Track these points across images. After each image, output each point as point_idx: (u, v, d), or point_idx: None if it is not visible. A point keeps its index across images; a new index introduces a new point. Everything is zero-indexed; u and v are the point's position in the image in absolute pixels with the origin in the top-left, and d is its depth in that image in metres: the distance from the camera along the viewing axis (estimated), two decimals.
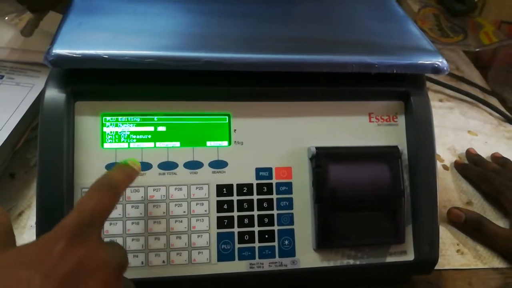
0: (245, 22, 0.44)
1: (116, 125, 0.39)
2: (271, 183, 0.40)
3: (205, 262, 0.39)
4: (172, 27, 0.42)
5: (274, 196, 0.40)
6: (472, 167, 0.59)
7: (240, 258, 0.39)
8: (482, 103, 0.72)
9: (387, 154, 0.42)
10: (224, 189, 0.40)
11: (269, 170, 0.40)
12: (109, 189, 0.32)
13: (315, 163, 0.40)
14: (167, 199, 0.39)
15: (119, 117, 0.39)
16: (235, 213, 0.39)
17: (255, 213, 0.40)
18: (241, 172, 0.40)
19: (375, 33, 0.45)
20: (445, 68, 0.41)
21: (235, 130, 0.41)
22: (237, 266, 0.39)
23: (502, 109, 0.72)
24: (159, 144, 0.39)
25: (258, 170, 0.40)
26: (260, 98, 0.41)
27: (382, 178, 0.41)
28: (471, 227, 0.51)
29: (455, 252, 0.49)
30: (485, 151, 0.62)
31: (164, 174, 0.39)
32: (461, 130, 0.67)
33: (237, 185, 0.40)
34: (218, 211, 0.39)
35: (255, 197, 0.40)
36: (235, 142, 0.41)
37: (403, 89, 0.43)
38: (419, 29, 0.46)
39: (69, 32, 0.38)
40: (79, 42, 0.37)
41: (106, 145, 0.39)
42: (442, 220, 0.52)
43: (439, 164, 0.61)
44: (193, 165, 0.40)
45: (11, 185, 0.49)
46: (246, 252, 0.39)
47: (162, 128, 0.40)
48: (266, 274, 0.40)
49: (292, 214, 0.40)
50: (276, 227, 0.40)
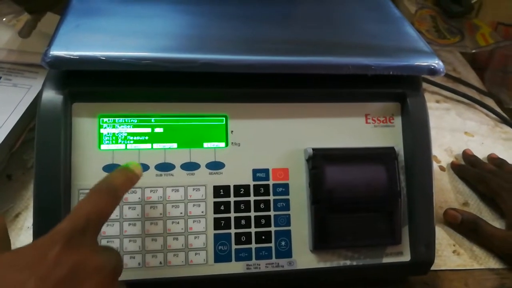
0: (242, 24, 0.44)
1: (113, 127, 0.39)
2: (268, 184, 0.40)
3: (202, 263, 0.39)
4: (169, 29, 0.42)
5: (271, 197, 0.40)
6: (469, 168, 0.59)
7: (237, 259, 0.39)
8: (479, 104, 0.72)
9: (384, 155, 0.42)
10: (221, 190, 0.40)
11: (266, 171, 0.41)
12: (108, 193, 0.32)
13: (312, 164, 0.40)
14: (164, 201, 0.39)
15: (116, 119, 0.39)
16: (232, 214, 0.40)
17: (252, 214, 0.40)
18: (238, 173, 0.40)
19: (372, 35, 0.45)
20: (441, 70, 0.41)
21: (232, 132, 0.41)
22: (234, 267, 0.39)
23: (499, 110, 0.72)
24: (156, 146, 0.40)
25: (255, 171, 0.40)
26: (257, 100, 0.41)
27: (379, 179, 0.41)
28: (468, 228, 0.51)
29: (452, 253, 0.50)
30: (482, 152, 0.62)
31: (161, 176, 0.39)
32: (458, 131, 0.67)
33: (234, 186, 0.40)
34: (215, 212, 0.39)
35: (252, 198, 0.40)
36: (232, 144, 0.41)
37: (400, 91, 0.43)
38: (416, 31, 0.46)
39: (67, 34, 0.38)
40: (77, 44, 0.37)
41: (103, 147, 0.39)
42: (439, 221, 0.53)
43: (436, 165, 0.61)
44: (190, 167, 0.40)
45: (8, 187, 0.49)
46: (243, 253, 0.39)
47: (159, 130, 0.40)
48: (263, 275, 0.40)
49: (289, 215, 0.40)
50: (273, 228, 0.40)
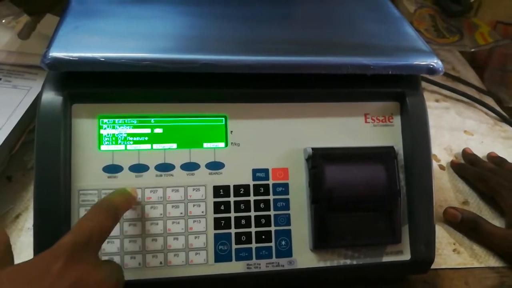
0: (242, 25, 0.44)
1: (113, 127, 0.39)
2: (268, 184, 0.40)
3: (203, 263, 0.39)
4: (169, 30, 0.42)
5: (271, 197, 0.40)
6: (468, 167, 0.59)
7: (237, 259, 0.39)
8: (478, 103, 0.72)
9: (383, 155, 0.42)
10: (221, 190, 0.40)
11: (266, 171, 0.41)
12: (108, 211, 0.33)
13: (312, 164, 0.40)
14: (164, 201, 0.39)
15: (116, 119, 0.39)
16: (232, 214, 0.40)
17: (252, 214, 0.40)
18: (238, 173, 0.40)
19: (371, 35, 0.45)
20: (440, 69, 0.41)
21: (232, 132, 0.41)
22: (234, 267, 0.39)
23: (498, 109, 0.72)
24: (156, 146, 0.40)
25: (255, 171, 0.41)
26: (257, 100, 0.41)
27: (378, 179, 0.41)
28: (467, 227, 0.51)
29: (452, 252, 0.50)
30: (481, 151, 0.63)
31: (161, 176, 0.39)
32: (457, 130, 0.67)
33: (234, 186, 0.40)
34: (215, 212, 0.39)
35: (252, 198, 0.40)
36: (232, 144, 0.41)
37: (399, 90, 0.43)
38: (415, 30, 0.46)
39: (66, 35, 0.38)
40: (76, 45, 0.37)
41: (103, 147, 0.39)
42: (439, 220, 0.53)
43: (435, 164, 0.61)
44: (190, 167, 0.40)
45: (9, 188, 0.49)
46: (243, 253, 0.39)
47: (159, 130, 0.40)
48: (263, 275, 0.40)
49: (289, 215, 0.41)
50: (273, 228, 0.40)
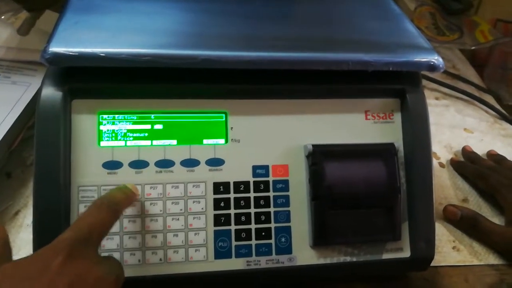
0: (242, 21, 0.44)
1: (113, 123, 0.39)
2: (268, 181, 0.40)
3: (202, 260, 0.39)
4: (169, 25, 0.42)
5: (271, 194, 0.40)
6: (468, 165, 0.59)
7: (237, 256, 0.39)
8: (478, 101, 0.72)
9: (383, 152, 0.42)
10: (221, 187, 0.40)
11: (266, 168, 0.41)
12: (109, 207, 0.33)
13: (312, 161, 0.40)
14: (164, 197, 0.39)
15: (116, 115, 0.39)
16: (232, 211, 0.40)
17: (252, 211, 0.40)
18: (238, 170, 0.40)
19: (371, 31, 0.45)
20: (441, 66, 0.41)
21: (232, 128, 0.41)
22: (234, 264, 0.39)
23: (498, 107, 0.72)
24: (156, 142, 0.39)
25: (255, 168, 0.40)
26: (257, 96, 0.41)
27: (378, 175, 0.41)
28: (467, 224, 0.51)
29: (451, 249, 0.50)
30: (481, 149, 0.63)
31: (161, 172, 0.39)
32: (457, 128, 0.67)
33: (234, 183, 0.40)
34: (215, 209, 0.39)
35: (252, 195, 0.40)
36: (232, 140, 0.41)
37: (399, 87, 0.43)
38: (415, 27, 0.46)
39: (66, 31, 0.38)
40: (76, 40, 0.37)
41: (103, 143, 0.39)
42: (438, 217, 0.53)
43: (435, 162, 0.61)
44: (190, 163, 0.40)
45: (8, 184, 0.49)
46: (243, 250, 0.39)
47: (159, 126, 0.40)
48: (263, 271, 0.40)
49: (289, 212, 0.40)
50: (273, 225, 0.40)
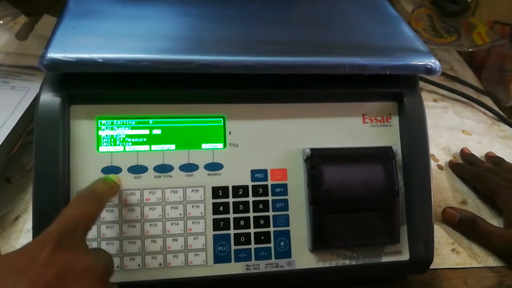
0: (239, 25, 0.44)
1: (112, 129, 0.39)
2: (267, 185, 0.41)
3: (202, 264, 0.39)
4: (166, 31, 0.42)
5: (270, 198, 0.40)
6: (467, 167, 0.59)
7: (237, 260, 0.39)
8: (476, 103, 0.72)
9: (381, 155, 0.42)
10: (220, 191, 0.40)
11: (264, 172, 0.41)
12: (92, 198, 0.33)
13: (310, 165, 0.40)
14: (163, 202, 0.39)
15: (115, 121, 0.39)
16: (231, 215, 0.40)
17: (251, 215, 0.40)
18: (237, 174, 0.40)
19: (368, 35, 0.45)
20: (438, 69, 0.41)
21: (230, 133, 0.41)
22: (234, 268, 0.39)
23: (496, 109, 0.72)
24: (155, 147, 0.40)
25: (254, 172, 0.41)
26: (255, 100, 0.41)
27: (377, 179, 0.41)
28: (466, 227, 0.51)
29: (450, 251, 0.50)
30: (479, 151, 0.63)
31: (160, 177, 0.39)
32: (455, 130, 0.67)
33: (233, 187, 0.40)
34: (214, 213, 0.39)
35: (251, 199, 0.40)
36: (230, 144, 0.41)
37: (397, 90, 0.43)
38: (412, 30, 0.46)
39: (64, 36, 0.38)
40: (74, 46, 0.37)
41: (102, 149, 0.39)
42: (437, 220, 0.53)
43: (434, 164, 0.61)
44: (189, 168, 0.40)
45: (7, 190, 0.49)
46: (242, 254, 0.39)
47: (157, 131, 0.40)
48: (263, 276, 0.40)
49: (288, 216, 0.41)
50: (272, 229, 0.40)
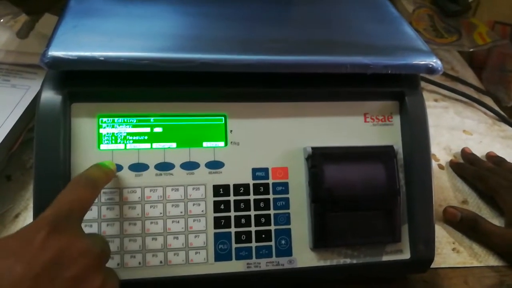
0: (240, 24, 0.44)
1: (113, 127, 0.39)
2: (268, 183, 0.40)
3: (203, 262, 0.39)
4: (168, 29, 0.42)
5: (271, 196, 0.40)
6: (468, 166, 0.59)
7: (237, 258, 0.39)
8: (477, 103, 0.72)
9: (383, 154, 0.42)
10: (221, 190, 0.40)
11: (266, 170, 0.41)
12: (87, 184, 0.33)
13: (311, 163, 0.40)
14: (164, 200, 0.39)
15: (116, 118, 0.39)
16: (232, 213, 0.40)
17: (252, 213, 0.40)
18: (238, 173, 0.40)
19: (370, 34, 0.45)
20: (439, 68, 0.41)
21: (231, 131, 0.41)
22: (235, 266, 0.39)
23: (497, 109, 0.72)
24: (156, 145, 0.40)
25: (255, 171, 0.41)
26: (256, 99, 0.41)
27: (378, 178, 0.41)
28: (467, 226, 0.51)
29: (451, 251, 0.50)
30: (480, 150, 0.63)
31: (161, 175, 0.39)
32: (456, 130, 0.67)
33: (234, 186, 0.40)
34: (215, 212, 0.39)
35: (252, 197, 0.40)
36: (232, 143, 0.41)
37: (398, 89, 0.43)
38: (413, 30, 0.46)
39: (65, 34, 0.38)
40: (75, 44, 0.37)
41: (103, 147, 0.39)
42: (438, 219, 0.53)
43: (435, 164, 0.61)
44: (190, 166, 0.40)
45: (8, 187, 0.49)
46: (243, 252, 0.39)
47: (159, 129, 0.40)
48: (263, 274, 0.40)
49: (289, 214, 0.41)
50: (273, 227, 0.40)
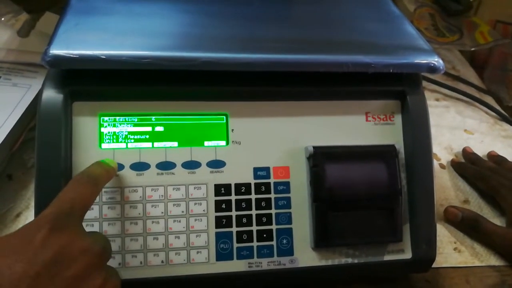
0: (242, 23, 0.44)
1: (114, 126, 0.39)
2: (269, 183, 0.40)
3: (204, 262, 0.39)
4: (169, 28, 0.42)
5: (272, 196, 0.40)
6: (469, 166, 0.59)
7: (239, 258, 0.39)
8: (478, 102, 0.72)
9: (384, 153, 0.42)
10: (222, 189, 0.40)
11: (267, 170, 0.41)
12: (88, 182, 0.33)
13: (313, 162, 0.40)
14: (165, 199, 0.39)
15: (117, 118, 0.39)
16: (233, 213, 0.40)
17: (253, 213, 0.40)
18: (239, 172, 0.40)
19: (372, 33, 0.45)
20: (441, 67, 0.41)
21: (233, 130, 0.41)
22: (236, 266, 0.39)
23: (498, 108, 0.72)
24: (157, 144, 0.40)
25: (256, 170, 0.40)
26: (258, 98, 0.41)
27: (379, 177, 0.41)
28: (468, 226, 0.51)
29: (452, 250, 0.50)
30: (481, 150, 0.63)
31: (162, 174, 0.39)
32: (458, 129, 0.67)
33: (235, 185, 0.40)
34: (216, 211, 0.39)
35: (253, 197, 0.40)
36: (233, 142, 0.41)
37: (400, 89, 0.43)
38: (415, 29, 0.46)
39: (66, 33, 0.38)
40: (76, 43, 0.37)
41: (104, 146, 0.39)
42: (439, 219, 0.53)
43: (436, 163, 0.61)
44: (191, 165, 0.40)
45: (9, 186, 0.49)
46: (245, 252, 0.39)
47: (160, 128, 0.40)
48: (265, 273, 0.40)
49: (290, 213, 0.40)
50: (274, 226, 0.40)
